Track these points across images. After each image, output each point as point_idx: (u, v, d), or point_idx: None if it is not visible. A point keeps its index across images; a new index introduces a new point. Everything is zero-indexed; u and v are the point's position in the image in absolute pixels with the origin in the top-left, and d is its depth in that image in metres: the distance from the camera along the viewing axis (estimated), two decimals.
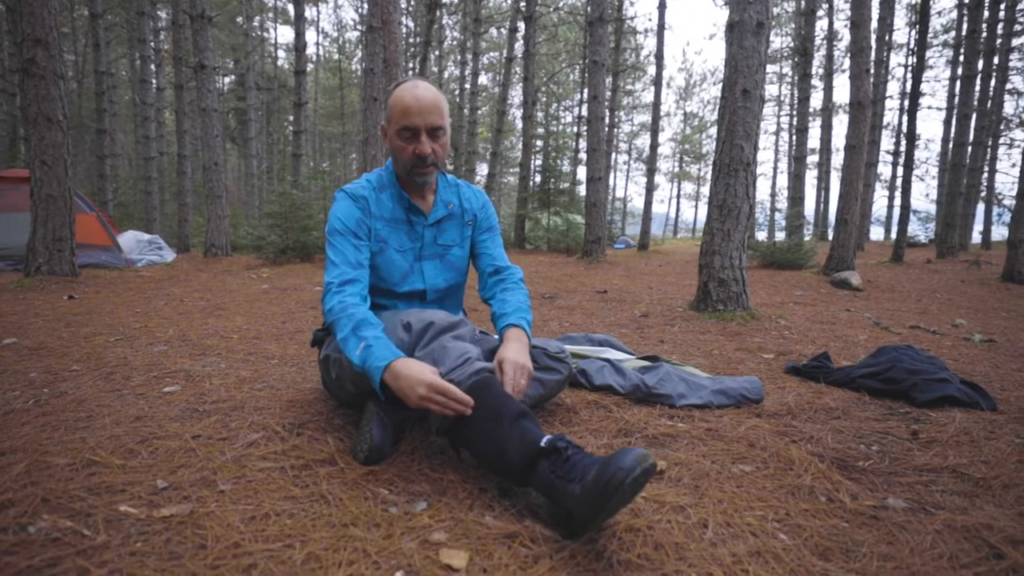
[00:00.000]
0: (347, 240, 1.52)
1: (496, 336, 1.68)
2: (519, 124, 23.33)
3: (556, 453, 1.08)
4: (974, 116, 11.55)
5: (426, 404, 1.19)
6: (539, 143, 15.41)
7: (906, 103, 14.89)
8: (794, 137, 17.44)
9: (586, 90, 16.59)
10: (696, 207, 43.02)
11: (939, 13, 18.46)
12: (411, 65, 22.90)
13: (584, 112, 20.46)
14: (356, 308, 1.38)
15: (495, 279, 1.73)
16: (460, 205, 1.72)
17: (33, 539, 0.95)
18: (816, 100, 22.93)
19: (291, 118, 21.49)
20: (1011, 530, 1.07)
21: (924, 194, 20.79)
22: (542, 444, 1.09)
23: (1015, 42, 13.76)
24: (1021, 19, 13.12)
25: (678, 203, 42.75)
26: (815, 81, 20.48)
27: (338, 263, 1.49)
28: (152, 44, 15.87)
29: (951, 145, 12.79)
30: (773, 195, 33.95)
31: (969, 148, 11.58)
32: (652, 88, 17.78)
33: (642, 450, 0.98)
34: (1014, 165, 18.70)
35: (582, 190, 16.64)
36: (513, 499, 1.17)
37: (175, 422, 1.54)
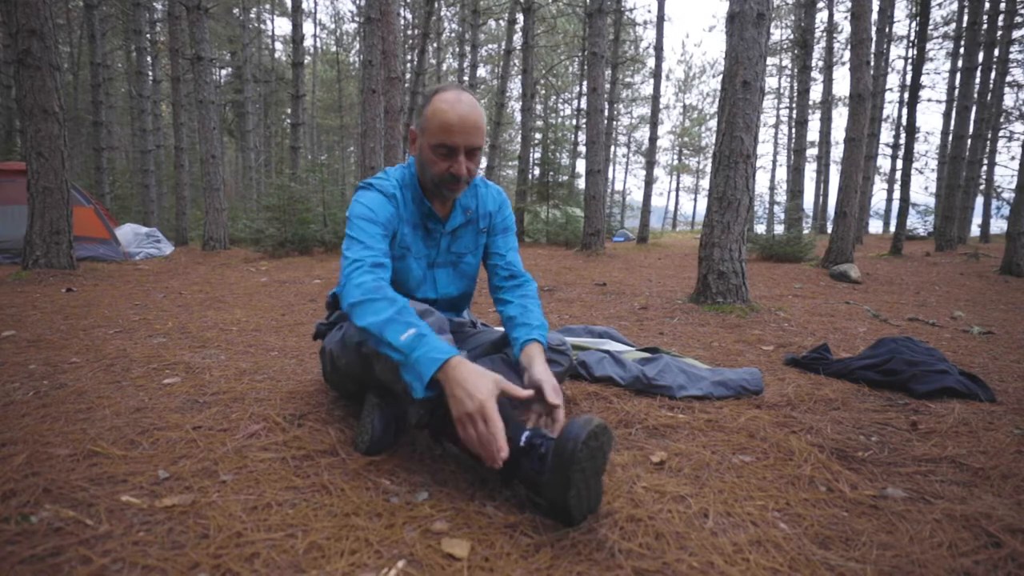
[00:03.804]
0: (375, 228, 1.39)
1: (495, 328, 1.66)
2: (518, 117, 23.23)
3: (533, 450, 1.07)
4: (974, 109, 11.51)
5: (465, 425, 1.07)
6: (538, 136, 15.38)
7: (906, 95, 14.85)
8: (793, 130, 17.40)
9: (585, 82, 16.52)
10: (695, 200, 42.96)
11: (939, 4, 18.36)
12: (409, 57, 22.78)
13: (583, 105, 20.40)
14: (395, 293, 1.25)
15: (512, 283, 1.61)
16: (477, 209, 1.61)
17: (36, 529, 0.95)
18: (816, 93, 22.83)
19: (289, 111, 21.41)
20: (1009, 519, 1.08)
21: (923, 187, 20.79)
22: (521, 444, 1.09)
23: (1015, 34, 13.71)
24: (1022, 11, 13.06)
25: (677, 196, 42.66)
26: (815, 73, 20.40)
27: (370, 245, 1.35)
28: (148, 36, 15.76)
29: (950, 138, 12.77)
30: (772, 188, 33.91)
31: (969, 141, 11.54)
32: (651, 80, 17.71)
33: (588, 416, 1.00)
34: (1013, 158, 18.66)
35: (581, 183, 16.60)
36: (514, 489, 1.17)
37: (176, 413, 1.54)
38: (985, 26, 11.58)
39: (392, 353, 1.15)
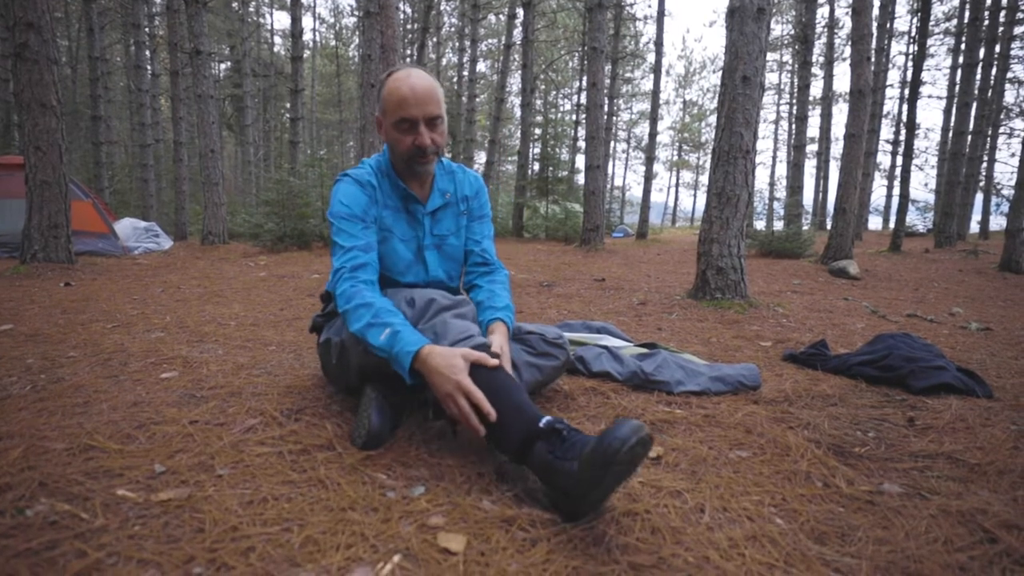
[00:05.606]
0: (354, 224, 1.48)
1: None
2: (517, 112, 23.18)
3: (555, 434, 1.08)
4: (974, 105, 11.49)
5: (448, 404, 1.18)
6: (538, 131, 15.34)
7: (906, 91, 14.82)
8: (793, 125, 17.37)
9: (585, 77, 16.46)
10: (695, 196, 42.94)
11: (941, 0, 18.34)
12: (409, 52, 22.69)
13: (583, 100, 20.33)
14: (372, 295, 1.36)
15: (483, 270, 1.72)
16: (455, 193, 1.69)
17: (31, 522, 0.95)
18: (816, 88, 22.81)
19: (288, 105, 21.35)
20: (1005, 515, 1.08)
21: (923, 184, 20.88)
22: (540, 425, 1.10)
23: (1017, 30, 13.68)
24: (1023, 7, 13.01)
25: (677, 192, 42.65)
26: (815, 69, 20.38)
27: (348, 247, 1.45)
28: (147, 29, 15.69)
29: (951, 134, 12.75)
30: (772, 184, 33.89)
31: (969, 137, 11.53)
32: (651, 76, 17.66)
33: (637, 421, 0.97)
34: (1013, 155, 18.68)
35: (581, 178, 16.58)
36: (511, 483, 1.17)
37: (172, 407, 1.54)
38: (986, 22, 11.55)
39: (379, 353, 1.29)
